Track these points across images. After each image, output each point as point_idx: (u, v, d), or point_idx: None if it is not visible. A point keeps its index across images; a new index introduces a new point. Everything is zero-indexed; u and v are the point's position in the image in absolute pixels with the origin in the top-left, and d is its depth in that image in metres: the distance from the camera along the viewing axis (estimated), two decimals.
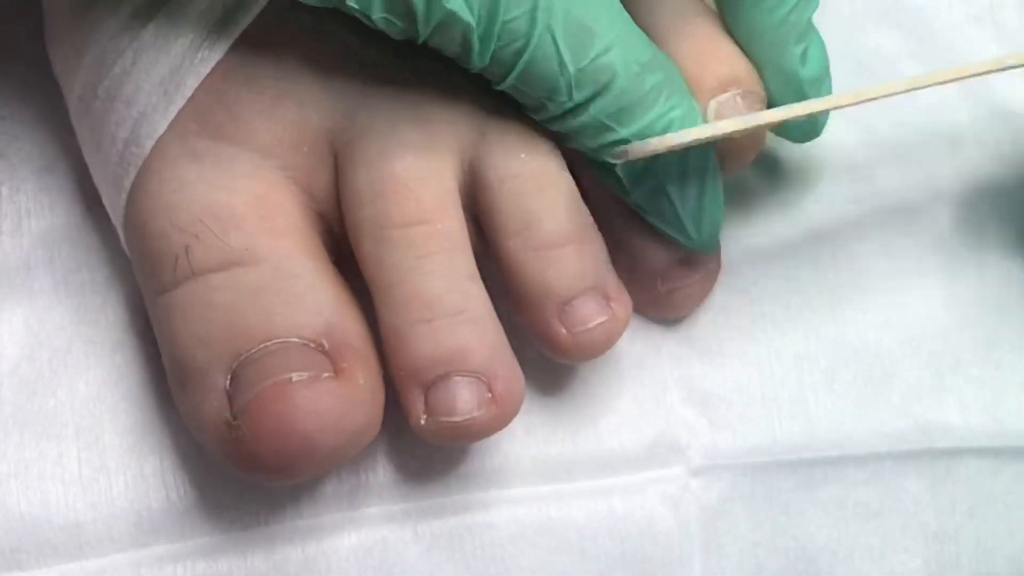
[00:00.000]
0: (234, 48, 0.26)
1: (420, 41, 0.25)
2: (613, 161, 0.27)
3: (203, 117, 0.26)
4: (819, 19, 0.29)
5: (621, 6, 0.26)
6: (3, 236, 0.30)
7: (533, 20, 0.24)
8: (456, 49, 0.25)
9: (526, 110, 0.27)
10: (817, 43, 0.29)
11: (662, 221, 0.28)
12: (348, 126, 0.27)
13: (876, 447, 0.32)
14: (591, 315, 0.27)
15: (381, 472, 0.30)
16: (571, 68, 0.25)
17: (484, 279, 0.27)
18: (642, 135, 0.26)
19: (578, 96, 0.25)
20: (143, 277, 0.27)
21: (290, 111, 0.26)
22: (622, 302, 0.28)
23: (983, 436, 0.32)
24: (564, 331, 0.27)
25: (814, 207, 0.33)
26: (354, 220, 0.26)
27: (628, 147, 0.26)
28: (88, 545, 0.28)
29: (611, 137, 0.26)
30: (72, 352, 0.30)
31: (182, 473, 0.29)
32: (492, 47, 0.25)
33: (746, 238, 0.33)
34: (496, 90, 0.26)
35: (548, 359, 0.28)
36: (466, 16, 0.24)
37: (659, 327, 0.32)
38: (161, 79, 0.26)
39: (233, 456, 0.25)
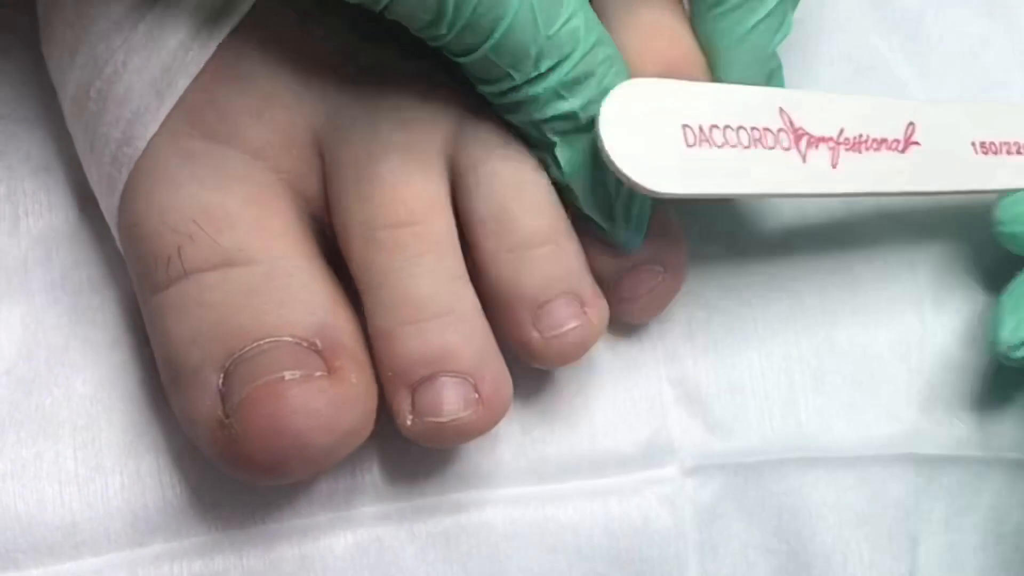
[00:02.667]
0: (223, 48, 0.26)
1: (380, 8, 0.24)
2: (552, 138, 0.26)
3: (195, 118, 0.26)
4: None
5: None
6: (1, 236, 0.30)
7: None
8: (425, 16, 0.24)
9: (475, 82, 0.26)
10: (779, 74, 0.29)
11: (588, 203, 0.27)
12: (332, 128, 0.27)
13: (864, 451, 0.32)
14: (565, 319, 0.27)
15: (377, 471, 0.30)
16: (543, 35, 0.25)
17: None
18: (587, 107, 0.26)
19: (543, 65, 0.25)
20: (137, 277, 0.27)
21: (277, 113, 0.27)
22: (598, 307, 0.28)
23: (969, 445, 0.32)
24: (537, 335, 0.27)
25: (806, 209, 0.33)
26: (342, 222, 0.26)
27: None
28: (84, 544, 0.28)
29: (562, 108, 0.26)
30: (69, 351, 0.30)
31: (178, 472, 0.29)
32: (467, 14, 0.24)
33: (738, 239, 0.33)
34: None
35: None
36: None
37: (653, 327, 0.32)
38: (152, 79, 0.26)
39: (225, 455, 0.25)
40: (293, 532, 0.29)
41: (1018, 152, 0.31)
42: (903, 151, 0.29)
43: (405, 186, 0.26)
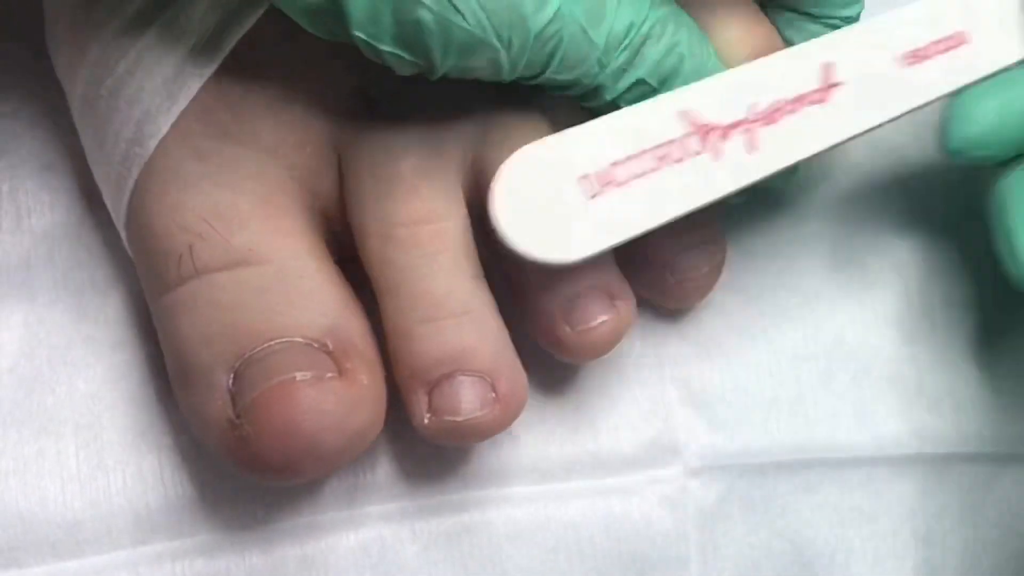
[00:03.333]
0: (237, 49, 0.26)
1: (436, 78, 0.25)
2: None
3: (207, 117, 0.26)
4: None
5: None
6: (3, 234, 0.30)
7: (561, 17, 0.24)
8: (485, 74, 0.25)
9: (552, 91, 0.26)
10: None
11: None
12: (351, 126, 0.27)
13: (872, 450, 0.32)
14: (595, 313, 0.27)
15: (379, 471, 0.30)
16: (599, 42, 0.25)
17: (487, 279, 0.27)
18: (658, 72, 0.26)
19: (606, 62, 0.25)
20: (146, 276, 0.27)
21: (293, 112, 0.27)
22: (626, 300, 0.28)
23: (977, 442, 0.33)
24: (568, 329, 0.27)
25: (813, 207, 0.34)
26: (359, 219, 0.26)
27: None
28: (86, 543, 0.28)
29: (629, 80, 0.26)
30: (72, 350, 0.30)
31: (181, 471, 0.29)
32: (522, 62, 0.24)
33: (745, 238, 0.33)
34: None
35: (547, 358, 0.29)
36: (488, 38, 0.24)
37: (658, 327, 0.32)
38: (165, 79, 0.26)
39: (236, 455, 0.25)
40: (295, 531, 0.29)
41: (949, 48, 0.28)
42: (824, 100, 0.27)
43: (424, 184, 0.26)
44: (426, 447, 0.29)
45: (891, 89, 0.28)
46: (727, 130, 0.26)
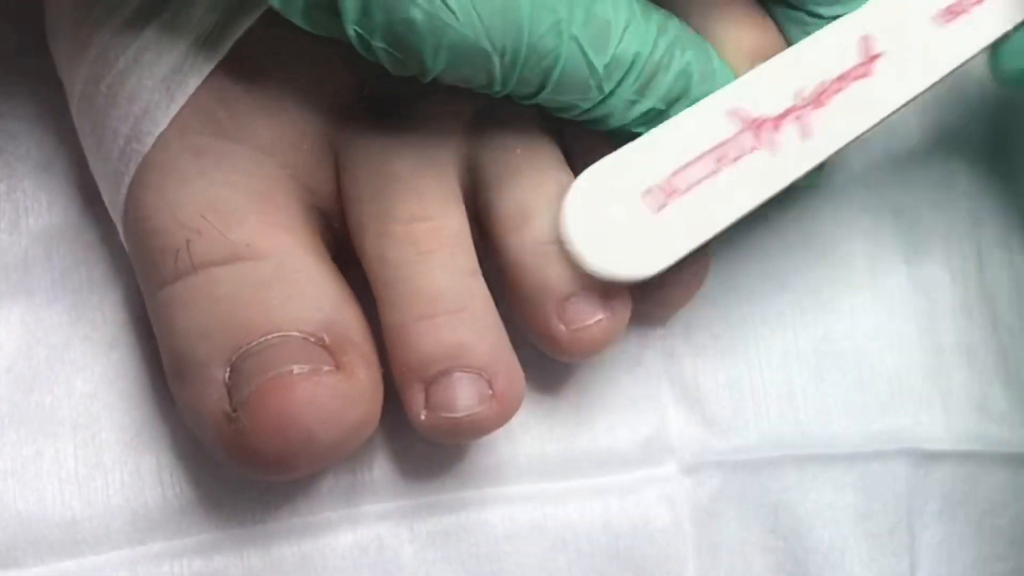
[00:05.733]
0: (236, 48, 0.26)
1: (427, 80, 0.25)
2: (638, 131, 0.26)
3: (205, 115, 0.26)
4: None
5: None
6: (1, 233, 0.30)
7: (559, 33, 0.24)
8: (478, 83, 0.25)
9: (551, 112, 0.27)
10: None
11: None
12: (348, 125, 0.27)
13: (863, 447, 0.32)
14: (590, 312, 0.27)
15: (377, 470, 0.30)
16: (599, 67, 0.25)
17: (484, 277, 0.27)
18: (668, 97, 0.26)
19: (607, 87, 0.25)
20: (142, 271, 0.27)
21: (290, 109, 0.27)
22: (621, 300, 0.28)
23: (967, 440, 0.33)
24: (563, 328, 0.27)
25: (805, 206, 0.34)
26: (356, 217, 0.27)
27: None
28: (84, 542, 0.28)
29: (640, 109, 0.26)
30: (69, 349, 0.30)
31: (178, 470, 0.29)
32: (517, 73, 0.25)
33: (737, 237, 0.33)
34: None
35: (544, 357, 0.29)
36: (481, 42, 0.24)
37: (653, 325, 0.32)
38: (163, 76, 0.26)
39: (232, 450, 0.25)
40: (293, 531, 0.29)
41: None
42: (869, 74, 0.27)
43: (420, 182, 0.26)
44: (424, 446, 0.29)
45: (933, 50, 0.27)
46: (778, 121, 0.26)
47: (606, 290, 0.27)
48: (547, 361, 0.29)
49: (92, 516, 0.28)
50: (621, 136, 0.27)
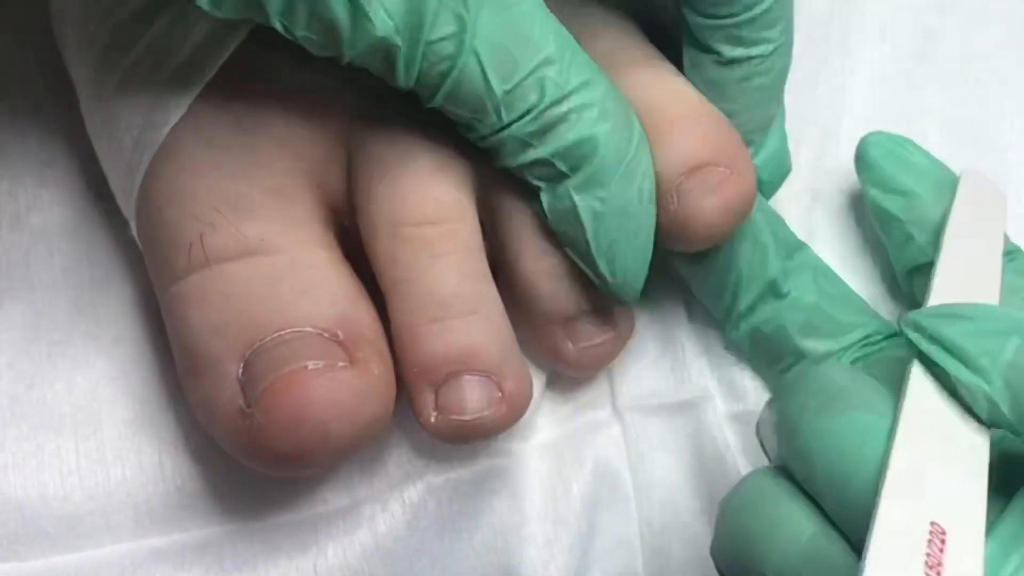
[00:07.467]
0: (250, 39, 0.26)
1: (344, 62, 0.25)
2: (535, 183, 0.26)
3: (219, 107, 0.26)
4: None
5: (559, 25, 0.26)
6: (3, 230, 0.30)
7: (460, 43, 0.24)
8: (381, 67, 0.25)
9: (456, 127, 0.26)
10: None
11: (575, 251, 0.27)
12: (363, 125, 0.27)
13: None
14: (596, 332, 0.29)
15: (377, 465, 0.30)
16: (498, 91, 0.25)
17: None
18: (561, 155, 0.26)
19: (505, 117, 0.25)
20: (155, 265, 0.27)
21: (306, 105, 0.27)
22: (625, 319, 0.29)
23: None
24: (571, 345, 0.28)
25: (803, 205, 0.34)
26: (369, 217, 0.27)
27: None
28: (86, 536, 0.28)
29: (532, 156, 0.26)
30: (71, 345, 0.30)
31: (180, 465, 0.29)
32: (417, 68, 0.24)
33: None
34: None
35: None
36: (392, 38, 0.24)
37: None
38: (178, 66, 0.26)
39: (246, 445, 0.25)
40: (295, 524, 0.29)
41: None
42: None
43: (435, 185, 0.26)
44: (424, 441, 0.30)
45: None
46: None
47: (611, 313, 0.28)
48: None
49: (93, 510, 0.29)
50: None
